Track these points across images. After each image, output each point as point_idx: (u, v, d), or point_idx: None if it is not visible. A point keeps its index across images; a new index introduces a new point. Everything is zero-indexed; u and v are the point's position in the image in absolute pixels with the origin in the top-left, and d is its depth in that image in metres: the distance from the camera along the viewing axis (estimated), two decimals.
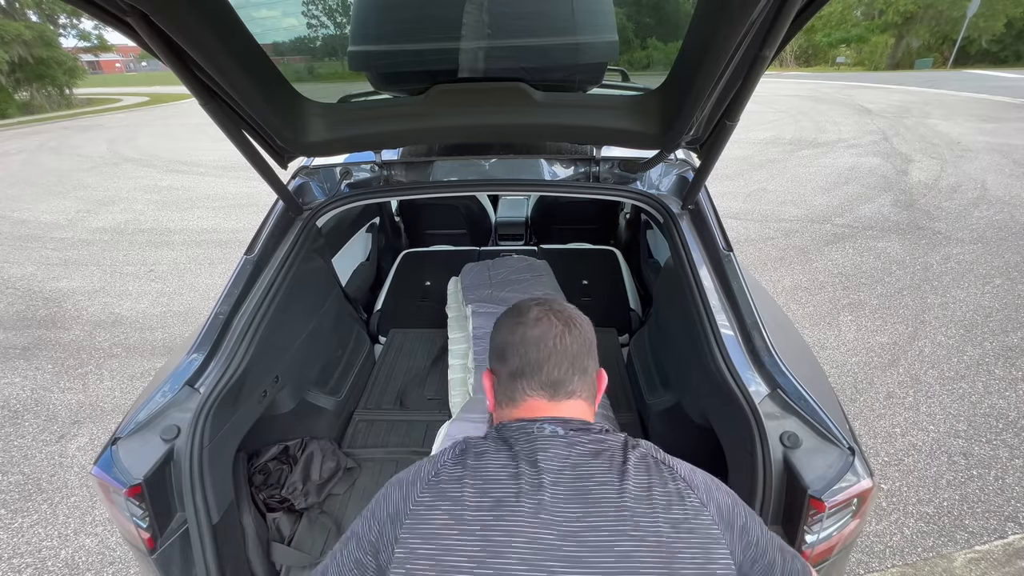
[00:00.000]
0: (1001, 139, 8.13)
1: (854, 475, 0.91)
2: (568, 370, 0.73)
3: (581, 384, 0.75)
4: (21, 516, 2.12)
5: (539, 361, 0.73)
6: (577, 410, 0.74)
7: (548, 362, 0.73)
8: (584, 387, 0.75)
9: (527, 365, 0.73)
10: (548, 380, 0.73)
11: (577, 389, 0.74)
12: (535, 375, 0.73)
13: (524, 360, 0.74)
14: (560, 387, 0.73)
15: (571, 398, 0.74)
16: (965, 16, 24.13)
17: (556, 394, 0.73)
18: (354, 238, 2.35)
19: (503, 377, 0.76)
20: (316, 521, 1.50)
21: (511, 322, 0.78)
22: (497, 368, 0.78)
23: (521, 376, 0.74)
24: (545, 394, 0.73)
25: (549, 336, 0.74)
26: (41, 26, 19.89)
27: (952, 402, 2.56)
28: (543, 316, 0.76)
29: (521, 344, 0.74)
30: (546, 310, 0.77)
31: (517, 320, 0.77)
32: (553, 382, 0.73)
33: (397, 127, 1.19)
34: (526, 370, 0.73)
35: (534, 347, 0.74)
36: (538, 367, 0.73)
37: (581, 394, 0.75)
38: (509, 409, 0.75)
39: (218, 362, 1.19)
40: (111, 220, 5.93)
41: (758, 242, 4.61)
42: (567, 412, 0.73)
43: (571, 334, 0.75)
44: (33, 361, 3.18)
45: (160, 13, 0.72)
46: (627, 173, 1.52)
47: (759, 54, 0.81)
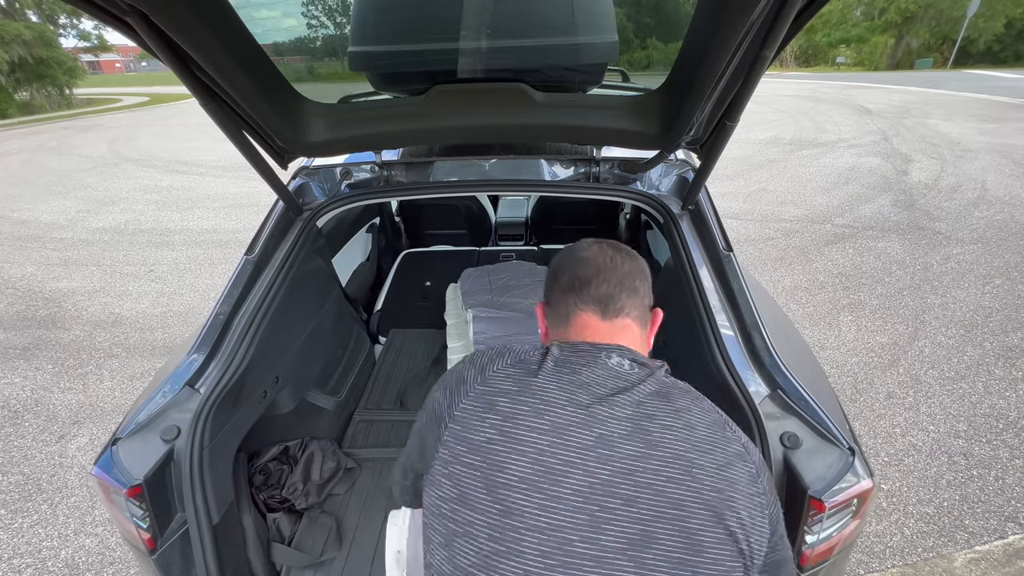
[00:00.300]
0: (1001, 139, 8.13)
1: (854, 475, 0.91)
2: (617, 286, 0.73)
3: (631, 303, 0.74)
4: (21, 516, 2.11)
5: (588, 276, 0.74)
6: (630, 333, 0.73)
7: (597, 277, 0.73)
8: (634, 306, 0.74)
9: (576, 279, 0.74)
10: (597, 294, 0.73)
11: (627, 306, 0.73)
12: (584, 288, 0.73)
13: (573, 276, 0.75)
14: (610, 303, 0.73)
15: (620, 315, 0.73)
16: (965, 16, 24.13)
17: (607, 311, 0.73)
18: (354, 238, 2.34)
19: (554, 296, 0.77)
20: (316, 521, 1.50)
21: (566, 253, 0.80)
22: (549, 291, 0.79)
23: (571, 291, 0.74)
24: (596, 310, 0.73)
25: (600, 257, 0.76)
26: (41, 26, 19.90)
27: (952, 402, 2.55)
28: (596, 244, 0.79)
29: (574, 263, 0.76)
30: (602, 243, 0.79)
31: (572, 250, 0.80)
32: (603, 297, 0.73)
33: (397, 127, 1.19)
34: (575, 284, 0.74)
35: (584, 265, 0.75)
36: (587, 281, 0.73)
37: (631, 313, 0.74)
38: (562, 329, 0.75)
39: (218, 362, 1.19)
40: (111, 220, 5.93)
41: (758, 242, 4.61)
42: (620, 333, 0.72)
43: (621, 256, 0.77)
44: (33, 361, 3.18)
45: (160, 13, 0.72)
46: (627, 173, 1.52)
47: (759, 54, 0.81)
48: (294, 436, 1.65)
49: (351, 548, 1.44)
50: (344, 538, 1.46)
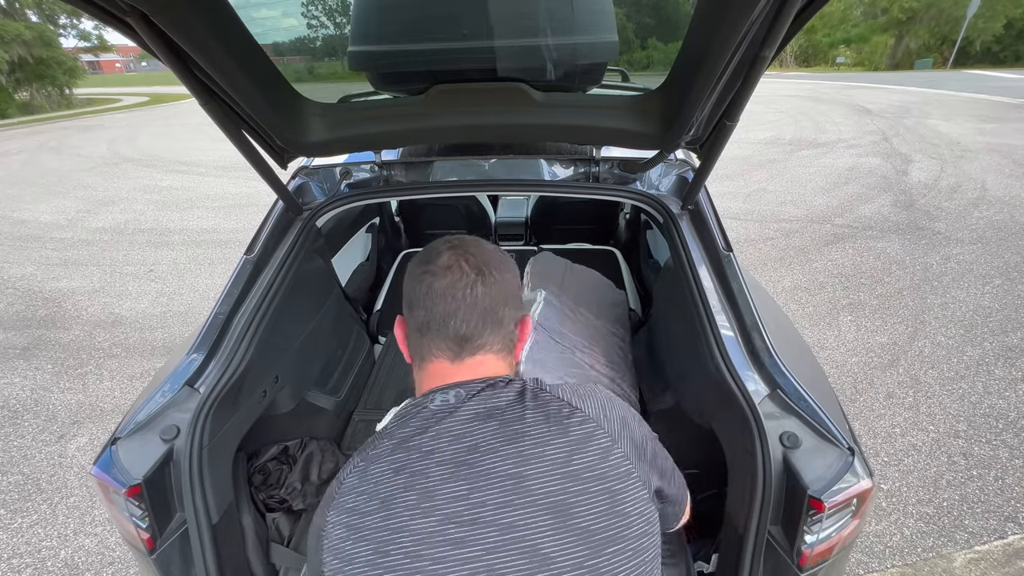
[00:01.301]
0: (1001, 139, 8.13)
1: (854, 475, 0.91)
2: (478, 324, 0.67)
3: (493, 337, 0.69)
4: (21, 516, 2.11)
5: (445, 316, 0.67)
6: (482, 367, 0.69)
7: (455, 316, 0.66)
8: (496, 339, 0.69)
9: (432, 319, 0.67)
10: (455, 336, 0.67)
11: (488, 343, 0.68)
12: (440, 330, 0.67)
13: (430, 314, 0.67)
14: (466, 343, 0.68)
15: (477, 353, 0.68)
16: (965, 16, 24.14)
17: (461, 352, 0.68)
18: (354, 238, 2.34)
19: (411, 331, 0.72)
20: None
21: (419, 269, 0.70)
22: (408, 319, 0.72)
23: (427, 331, 0.68)
24: (449, 354, 0.68)
25: (458, 287, 0.67)
26: (41, 26, 19.91)
27: (952, 402, 2.56)
28: (453, 263, 0.68)
29: (427, 296, 0.67)
30: (458, 255, 0.69)
31: (425, 268, 0.69)
32: (460, 338, 0.67)
33: (397, 127, 1.19)
34: (432, 325, 0.67)
35: (440, 299, 0.67)
36: (444, 322, 0.67)
37: (492, 347, 0.69)
38: (420, 372, 0.71)
39: (218, 362, 1.19)
40: (111, 220, 5.93)
41: (758, 242, 4.61)
42: (468, 372, 0.68)
43: (484, 283, 0.68)
44: (33, 361, 3.18)
45: (160, 13, 0.72)
46: (627, 173, 1.52)
47: (759, 54, 0.81)
48: (293, 436, 1.64)
49: None
50: None
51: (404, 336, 0.75)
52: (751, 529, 0.96)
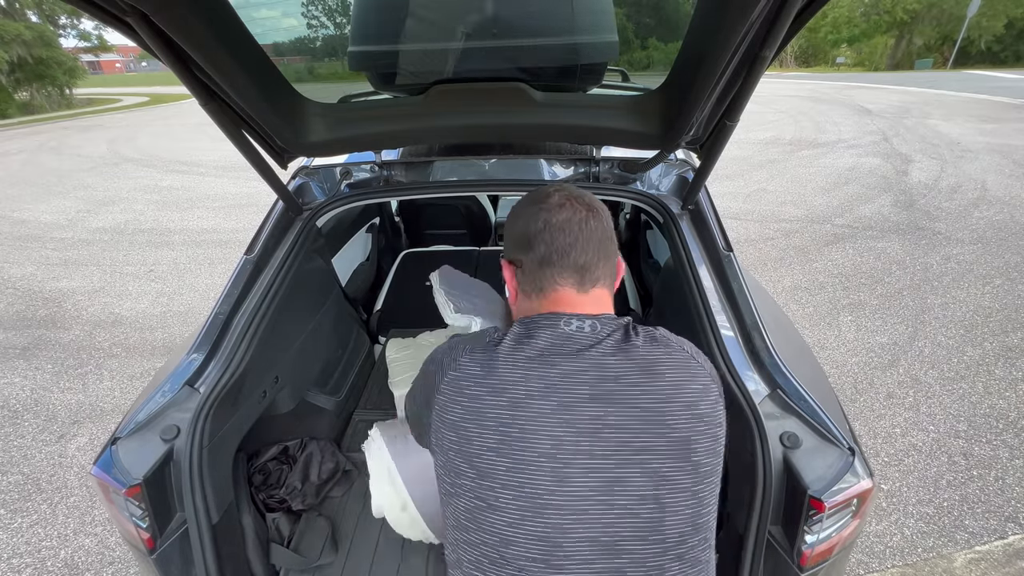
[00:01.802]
0: (1001, 139, 8.13)
1: (854, 475, 0.91)
2: (595, 254, 0.74)
3: (605, 270, 0.76)
4: (20, 516, 2.11)
5: (566, 247, 0.73)
6: (602, 300, 0.76)
7: (575, 247, 0.73)
8: (607, 273, 0.76)
9: (555, 251, 0.73)
10: (576, 265, 0.73)
11: (602, 276, 0.75)
12: (563, 260, 0.73)
13: (551, 247, 0.73)
14: (587, 273, 0.74)
15: (596, 285, 0.75)
16: (966, 16, 24.14)
17: (583, 282, 0.74)
18: (354, 238, 2.34)
19: (529, 266, 0.75)
20: (314, 523, 1.49)
21: (532, 209, 0.76)
22: (521, 258, 0.77)
23: (549, 264, 0.73)
24: (574, 281, 0.74)
25: (574, 221, 0.73)
26: (41, 26, 19.91)
27: (952, 402, 2.55)
28: (565, 202, 0.75)
29: (546, 231, 0.73)
30: (567, 196, 0.76)
31: (540, 206, 0.75)
32: (581, 267, 0.73)
33: (397, 127, 1.19)
34: (554, 257, 0.73)
35: (560, 233, 0.73)
36: (566, 252, 0.73)
37: (605, 281, 0.76)
38: (537, 300, 0.76)
39: (218, 362, 1.19)
40: (111, 220, 5.93)
41: (758, 242, 4.61)
42: (593, 303, 0.74)
43: (595, 219, 0.75)
44: (33, 361, 3.18)
45: (160, 13, 0.72)
46: (627, 173, 1.52)
47: (759, 54, 0.81)
48: (293, 436, 1.64)
49: (349, 552, 1.43)
50: (342, 542, 1.46)
51: (513, 276, 0.80)
52: (751, 529, 0.96)
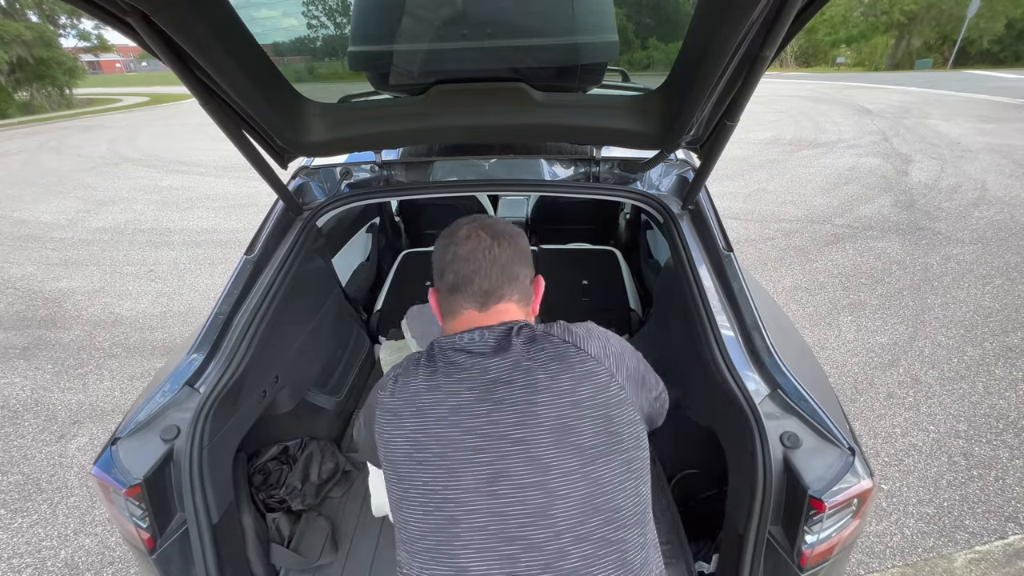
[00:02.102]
0: (1001, 139, 8.13)
1: (854, 475, 0.91)
2: (498, 279, 0.82)
3: (511, 289, 0.84)
4: (21, 516, 2.11)
5: (470, 274, 0.82)
6: (506, 314, 0.83)
7: (478, 274, 0.81)
8: (515, 291, 0.84)
9: (460, 280, 0.82)
10: (480, 290, 0.82)
11: (507, 294, 0.83)
12: (467, 287, 0.82)
13: (458, 276, 0.82)
14: (489, 297, 0.82)
15: (500, 303, 0.83)
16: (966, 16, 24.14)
17: (486, 303, 0.83)
18: (354, 238, 2.34)
19: (443, 293, 0.86)
20: (314, 523, 1.49)
21: (444, 242, 0.86)
22: (439, 285, 0.87)
23: (456, 290, 0.83)
24: (477, 305, 0.83)
25: (478, 250, 0.82)
26: (41, 26, 19.90)
27: (952, 402, 2.55)
28: (472, 233, 0.84)
29: (454, 261, 0.83)
30: (475, 227, 0.85)
31: (449, 240, 0.85)
32: (484, 291, 0.82)
33: (397, 127, 1.19)
34: (460, 284, 0.82)
35: (465, 263, 0.82)
36: (469, 280, 0.81)
37: (511, 297, 0.84)
38: (451, 323, 0.85)
39: (218, 362, 1.19)
40: (111, 220, 5.93)
41: (758, 242, 4.61)
42: (493, 318, 0.82)
43: (500, 246, 0.83)
44: (33, 361, 3.18)
45: (160, 13, 0.72)
46: (627, 173, 1.52)
47: (759, 54, 0.81)
48: (293, 436, 1.64)
49: (348, 552, 1.43)
50: (342, 542, 1.46)
51: (436, 302, 0.89)
52: (751, 529, 0.96)
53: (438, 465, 0.71)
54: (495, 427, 0.71)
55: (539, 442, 0.70)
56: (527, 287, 0.86)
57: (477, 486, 0.69)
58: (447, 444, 0.72)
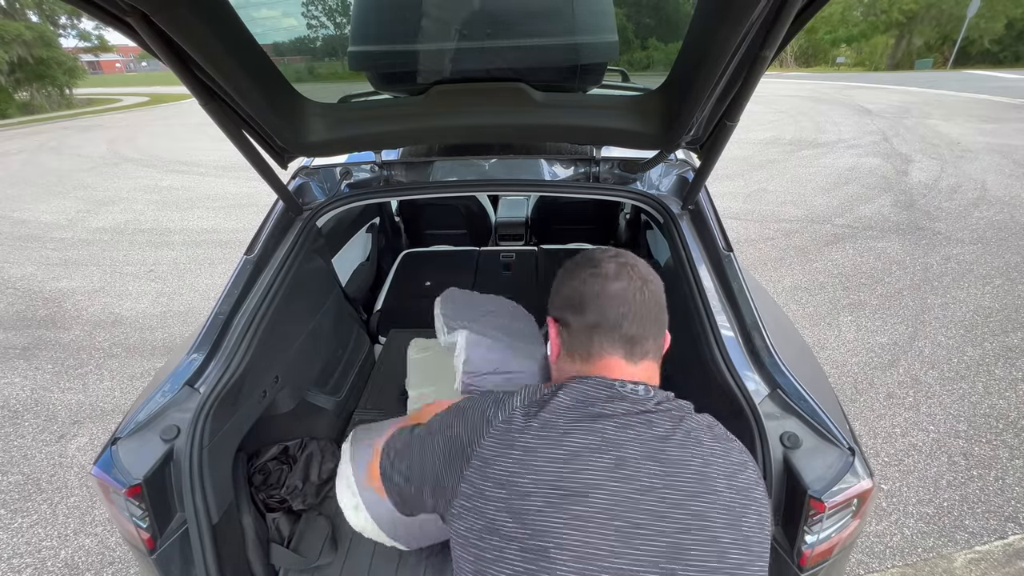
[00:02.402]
0: (1001, 139, 8.13)
1: (854, 475, 0.91)
2: (647, 328, 0.73)
3: (655, 344, 0.75)
4: (21, 516, 2.11)
5: (619, 318, 0.72)
6: (651, 372, 0.75)
7: (627, 319, 0.72)
8: (657, 347, 0.75)
9: (606, 320, 0.72)
10: (626, 336, 0.72)
11: (651, 349, 0.74)
12: (614, 331, 0.72)
13: (603, 315, 0.72)
14: (637, 345, 0.73)
15: (645, 358, 0.74)
16: (966, 16, 24.13)
17: (632, 353, 0.73)
18: (354, 238, 2.34)
19: (578, 329, 0.75)
20: (314, 523, 1.49)
21: (586, 272, 0.76)
22: (570, 319, 0.76)
23: (599, 330, 0.73)
24: (623, 352, 0.73)
25: (629, 292, 0.73)
26: (41, 26, 19.91)
27: (952, 402, 2.55)
28: (622, 271, 0.74)
29: (600, 297, 0.73)
30: (623, 264, 0.76)
31: (593, 271, 0.75)
32: (631, 339, 0.72)
33: (397, 127, 1.19)
34: (604, 325, 0.72)
35: (613, 302, 0.72)
36: (617, 324, 0.72)
37: (654, 355, 0.75)
38: (583, 364, 0.75)
39: (218, 362, 1.19)
40: (111, 220, 5.93)
41: (758, 242, 4.61)
42: (643, 375, 0.73)
43: (649, 290, 0.74)
44: (33, 361, 3.18)
45: (160, 13, 0.72)
46: (627, 173, 1.52)
47: (759, 54, 0.81)
48: (294, 436, 1.64)
49: (348, 553, 1.43)
50: (341, 542, 1.46)
51: (558, 335, 0.79)
52: None
53: (604, 524, 0.59)
54: (675, 493, 0.60)
55: (718, 522, 0.60)
56: (663, 342, 0.77)
57: (653, 559, 0.58)
58: (618, 501, 0.59)
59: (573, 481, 0.60)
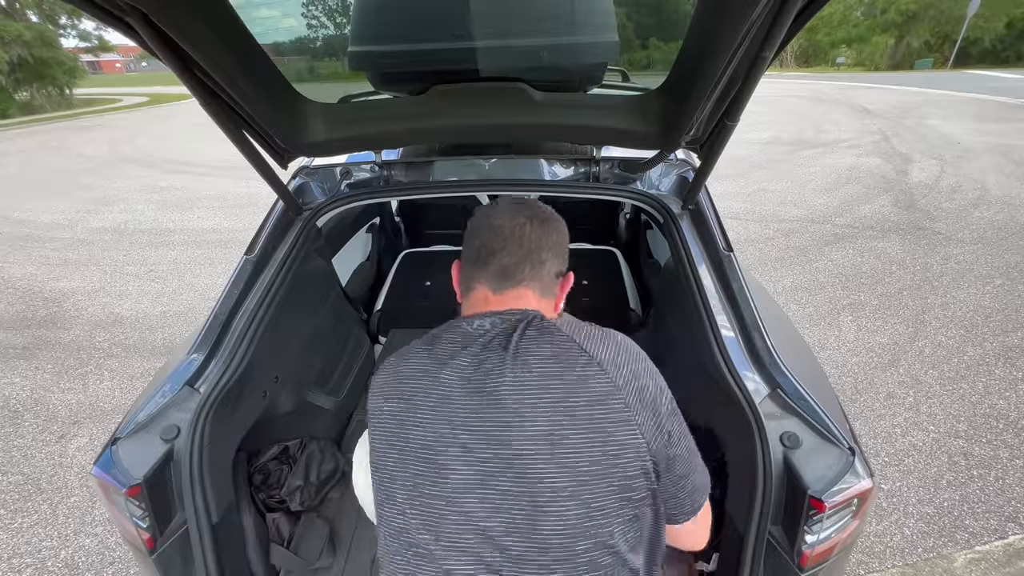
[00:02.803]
0: (1001, 139, 8.13)
1: (854, 475, 0.91)
2: (521, 260, 0.75)
3: (532, 274, 0.76)
4: (21, 516, 2.11)
5: (493, 248, 0.76)
6: (521, 300, 0.76)
7: (503, 250, 0.75)
8: (535, 277, 0.77)
9: (482, 252, 0.76)
10: (499, 266, 0.75)
11: (526, 278, 0.76)
12: (487, 262, 0.76)
13: (482, 247, 0.77)
14: (508, 276, 0.76)
15: (517, 287, 0.76)
16: (966, 16, 24.13)
17: (502, 284, 0.76)
18: (354, 238, 2.34)
19: (465, 264, 0.80)
20: (314, 523, 1.49)
21: (482, 211, 0.81)
22: (465, 251, 0.81)
23: (476, 262, 0.77)
24: (492, 284, 0.76)
25: (509, 225, 0.76)
26: (41, 26, 19.91)
27: (952, 402, 2.55)
28: (513, 210, 0.79)
29: (482, 230, 0.78)
30: (521, 205, 0.80)
31: (488, 210, 0.81)
32: (502, 269, 0.75)
33: (397, 127, 1.19)
34: (481, 257, 0.77)
35: (493, 235, 0.76)
36: (491, 253, 0.76)
37: (530, 284, 0.77)
38: (465, 301, 0.80)
39: (218, 362, 1.19)
40: (111, 220, 5.93)
41: (758, 242, 4.61)
42: (507, 303, 0.75)
43: (534, 227, 0.77)
44: (33, 361, 3.18)
45: (160, 13, 0.72)
46: (627, 173, 1.52)
47: (759, 54, 0.81)
48: (293, 436, 1.64)
49: (348, 553, 1.43)
50: (341, 543, 1.46)
51: (458, 273, 0.84)
52: (751, 529, 0.96)
53: (425, 459, 0.67)
54: (485, 426, 0.66)
55: (529, 451, 0.64)
56: (552, 279, 0.79)
57: (467, 488, 0.65)
58: (437, 437, 0.67)
59: (406, 419, 0.70)
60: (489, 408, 0.66)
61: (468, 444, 0.66)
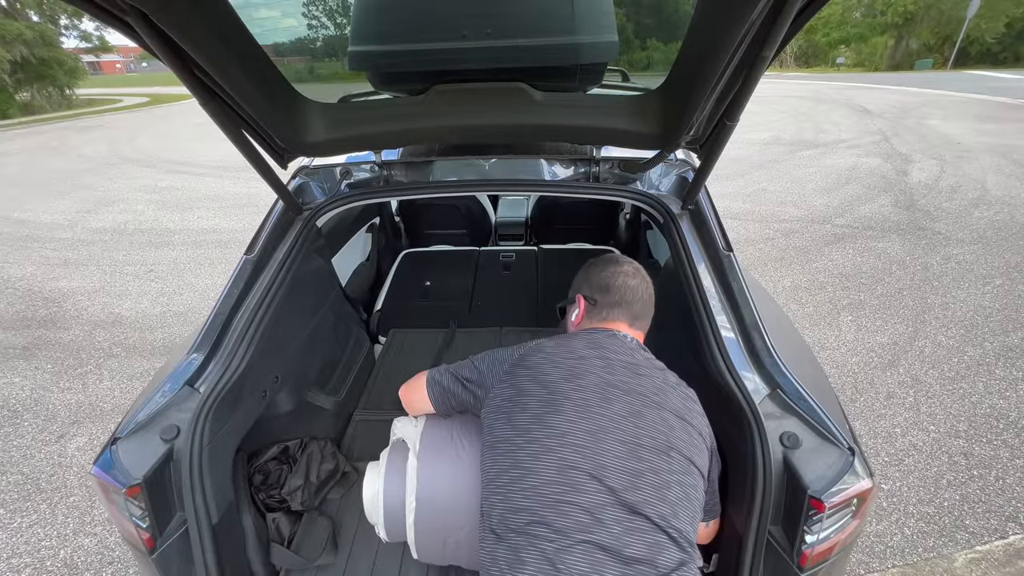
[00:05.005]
0: (1001, 139, 8.13)
1: (854, 475, 0.91)
2: (644, 310, 1.16)
3: (644, 323, 1.17)
4: (20, 516, 2.11)
5: (631, 301, 1.13)
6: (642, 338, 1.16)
7: (636, 303, 1.14)
8: (645, 326, 1.17)
9: (623, 301, 1.13)
10: (633, 313, 1.14)
11: (645, 326, 1.17)
12: (627, 309, 1.13)
13: (622, 298, 1.13)
14: (637, 319, 1.15)
15: (642, 329, 1.16)
16: (965, 16, 24.13)
17: (633, 324, 1.14)
18: (354, 238, 2.34)
19: (603, 304, 1.14)
20: (314, 523, 1.49)
21: (612, 268, 1.16)
22: (597, 298, 1.15)
23: (617, 307, 1.13)
24: (627, 321, 1.14)
25: (641, 288, 1.15)
26: (42, 26, 19.91)
27: (952, 402, 2.55)
28: (635, 272, 1.17)
29: (622, 288, 1.13)
30: (637, 268, 1.19)
31: (617, 268, 1.16)
32: (635, 315, 1.14)
33: (397, 127, 1.19)
34: (622, 304, 1.13)
35: (630, 292, 1.13)
36: (629, 305, 1.13)
37: (644, 328, 1.17)
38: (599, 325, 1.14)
39: (218, 362, 1.19)
40: (111, 220, 5.93)
41: (758, 242, 4.61)
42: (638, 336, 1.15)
43: (648, 289, 1.17)
44: (33, 361, 3.19)
45: (160, 13, 0.72)
46: (627, 173, 1.52)
47: (759, 54, 0.81)
48: (294, 436, 1.64)
49: (349, 553, 1.43)
50: (342, 543, 1.46)
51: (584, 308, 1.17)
52: (751, 529, 0.96)
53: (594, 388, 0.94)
54: (639, 387, 0.96)
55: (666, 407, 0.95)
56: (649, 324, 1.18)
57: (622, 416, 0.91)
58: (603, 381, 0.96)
59: (578, 368, 0.97)
60: (641, 383, 0.97)
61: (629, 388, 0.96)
